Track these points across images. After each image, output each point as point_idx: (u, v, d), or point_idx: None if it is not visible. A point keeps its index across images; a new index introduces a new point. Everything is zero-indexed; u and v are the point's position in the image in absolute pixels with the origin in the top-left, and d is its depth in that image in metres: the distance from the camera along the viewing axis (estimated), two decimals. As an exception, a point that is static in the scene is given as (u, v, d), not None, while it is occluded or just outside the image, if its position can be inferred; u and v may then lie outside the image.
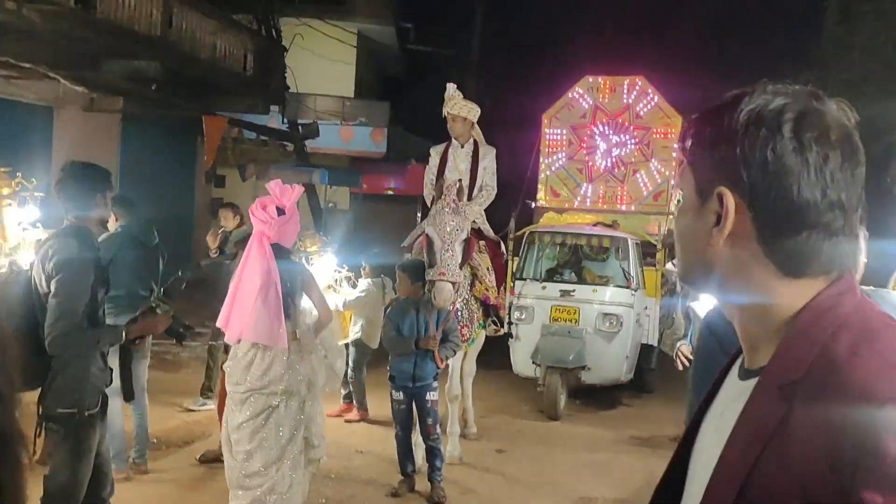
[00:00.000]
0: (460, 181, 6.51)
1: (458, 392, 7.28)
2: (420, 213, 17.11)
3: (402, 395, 6.09)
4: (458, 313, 6.60)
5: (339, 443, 7.06)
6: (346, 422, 8.09)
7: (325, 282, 7.23)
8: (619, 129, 12.22)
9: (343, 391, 8.33)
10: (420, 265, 6.17)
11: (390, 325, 6.14)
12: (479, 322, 6.97)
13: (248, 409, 4.59)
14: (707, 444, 1.16)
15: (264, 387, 4.58)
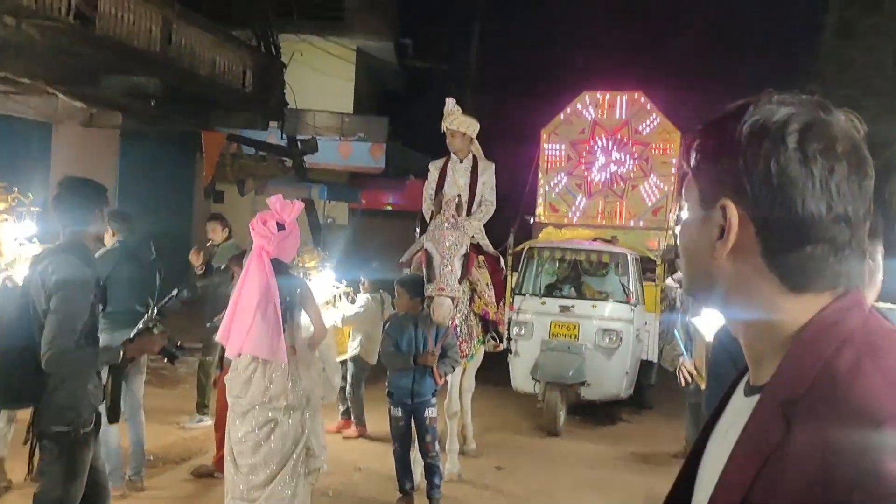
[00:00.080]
0: (459, 196, 6.49)
1: (457, 408, 7.23)
2: (419, 229, 17.08)
3: (400, 411, 6.04)
4: (458, 329, 6.57)
5: (338, 459, 7.00)
6: (345, 438, 8.04)
7: (324, 297, 7.20)
8: (618, 144, 12.21)
9: (341, 407, 8.29)
10: (419, 280, 6.14)
11: (389, 340, 6.11)
12: (479, 338, 6.94)
13: (251, 422, 4.65)
14: (711, 460, 1.14)
15: (266, 402, 4.63)
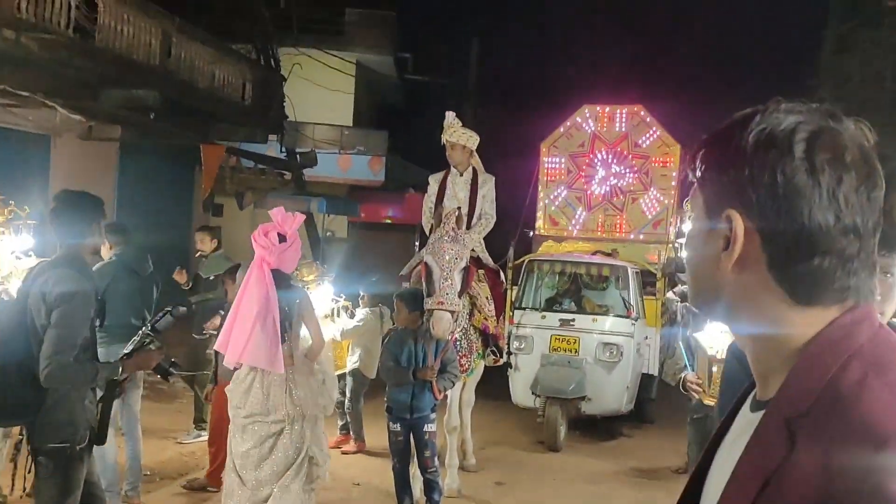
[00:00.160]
0: (459, 209, 6.44)
1: (457, 423, 7.17)
2: (418, 242, 17.06)
3: (399, 426, 5.98)
4: (457, 343, 6.51)
5: (336, 475, 6.93)
6: (343, 453, 7.97)
7: (323, 311, 7.16)
8: (617, 157, 12.20)
9: (340, 422, 8.23)
10: (418, 294, 6.09)
11: (388, 355, 6.06)
12: (479, 352, 6.88)
13: (252, 437, 4.72)
14: (717, 475, 1.11)
15: (266, 414, 4.70)
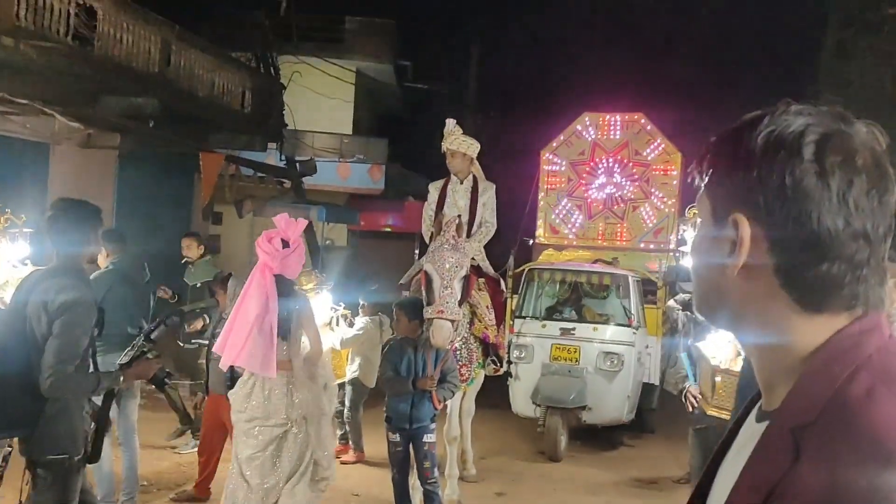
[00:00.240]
0: (459, 217, 6.41)
1: (457, 433, 7.12)
2: (418, 251, 17.03)
3: (398, 437, 5.93)
4: (457, 352, 6.47)
5: (335, 485, 6.82)
6: (342, 463, 7.90)
7: (322, 320, 7.12)
8: (618, 165, 12.18)
9: (339, 431, 8.18)
10: (418, 303, 6.04)
11: (388, 365, 6.01)
12: (479, 361, 6.83)
13: (255, 441, 4.80)
14: (721, 486, 1.09)
15: (267, 417, 4.79)
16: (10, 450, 4.01)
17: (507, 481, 7.83)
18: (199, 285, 8.07)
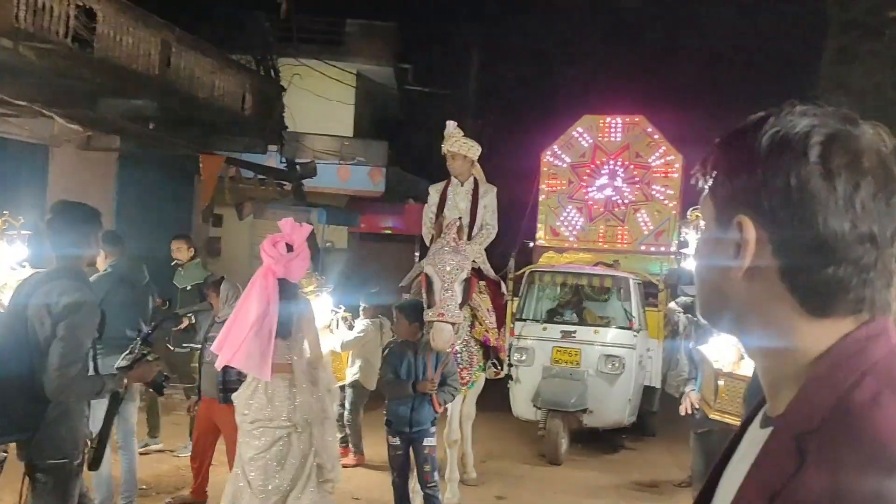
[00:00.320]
0: (460, 220, 6.39)
1: (458, 436, 7.10)
2: (418, 253, 17.01)
3: (398, 440, 5.90)
4: (458, 356, 6.44)
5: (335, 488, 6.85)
6: (342, 466, 7.87)
7: (322, 322, 7.09)
8: (619, 167, 12.16)
9: (339, 434, 8.13)
10: (418, 305, 6.02)
11: (388, 368, 5.99)
12: (479, 365, 6.81)
13: (258, 442, 4.82)
14: (724, 492, 1.08)
15: (270, 419, 4.82)
16: (6, 455, 3.97)
17: (507, 485, 7.81)
18: (189, 288, 8.02)
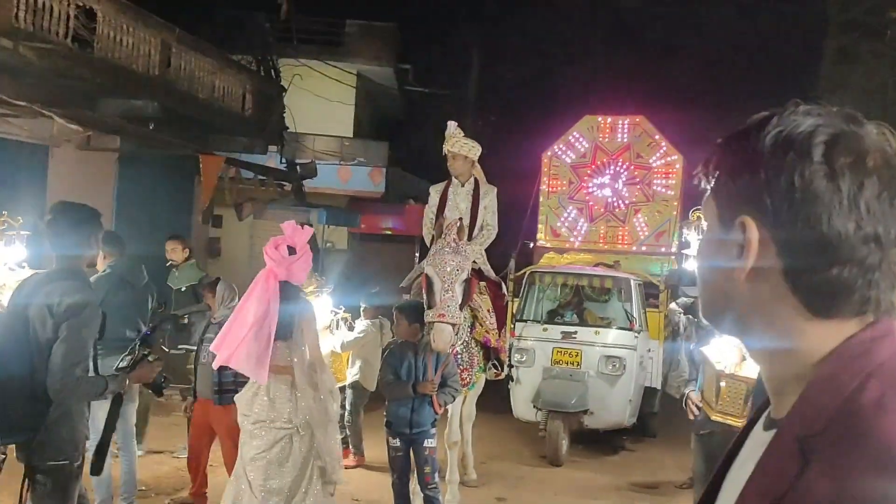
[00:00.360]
0: (461, 220, 6.37)
1: (458, 438, 7.08)
2: (418, 254, 17.01)
3: (399, 441, 5.89)
4: (458, 356, 6.42)
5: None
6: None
7: (322, 323, 7.07)
8: (619, 168, 12.14)
9: (339, 435, 8.12)
10: (418, 306, 6.00)
11: (388, 369, 5.97)
12: (480, 366, 6.79)
13: (260, 441, 4.83)
14: (727, 495, 1.07)
15: (272, 420, 4.82)
16: (5, 456, 3.96)
17: (508, 486, 7.79)
18: (184, 289, 8.00)
